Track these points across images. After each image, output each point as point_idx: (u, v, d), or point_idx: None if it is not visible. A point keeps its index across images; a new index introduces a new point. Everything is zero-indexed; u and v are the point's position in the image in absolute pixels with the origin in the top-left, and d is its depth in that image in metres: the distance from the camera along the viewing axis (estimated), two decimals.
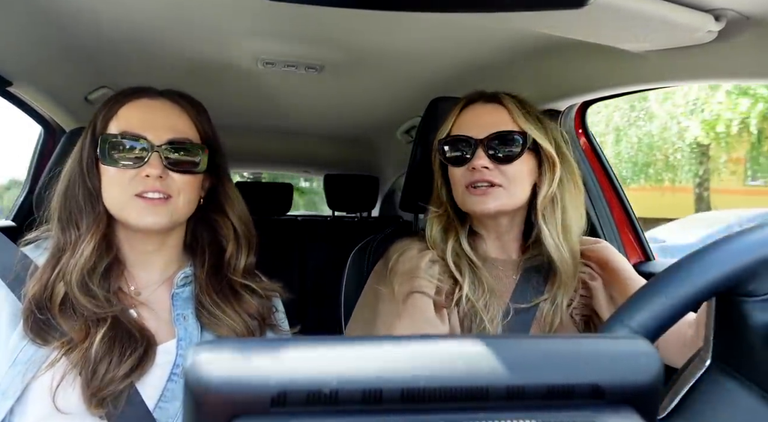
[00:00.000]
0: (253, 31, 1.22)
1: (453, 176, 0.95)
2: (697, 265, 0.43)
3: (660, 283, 0.44)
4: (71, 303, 0.75)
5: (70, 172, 0.82)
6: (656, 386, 0.27)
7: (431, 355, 0.26)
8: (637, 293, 0.45)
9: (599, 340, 0.30)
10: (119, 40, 1.27)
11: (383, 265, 0.96)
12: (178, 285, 0.84)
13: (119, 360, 0.72)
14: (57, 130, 1.59)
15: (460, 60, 1.37)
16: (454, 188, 0.96)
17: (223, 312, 0.83)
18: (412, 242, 0.97)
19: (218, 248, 0.88)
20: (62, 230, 0.80)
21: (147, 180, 0.77)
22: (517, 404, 0.25)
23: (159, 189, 0.78)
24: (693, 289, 0.42)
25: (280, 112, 2.00)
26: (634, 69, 1.08)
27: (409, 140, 2.00)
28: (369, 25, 1.16)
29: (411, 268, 0.91)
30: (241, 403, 0.24)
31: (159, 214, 0.78)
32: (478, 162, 0.90)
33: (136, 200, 0.77)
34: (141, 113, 0.81)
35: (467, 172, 0.91)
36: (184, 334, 0.81)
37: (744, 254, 0.43)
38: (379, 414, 0.24)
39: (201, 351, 0.25)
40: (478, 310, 0.89)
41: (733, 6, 0.79)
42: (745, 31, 0.84)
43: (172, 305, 0.83)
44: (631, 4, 0.78)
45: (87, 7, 1.08)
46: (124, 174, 0.78)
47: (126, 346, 0.73)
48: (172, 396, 0.76)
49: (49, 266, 0.77)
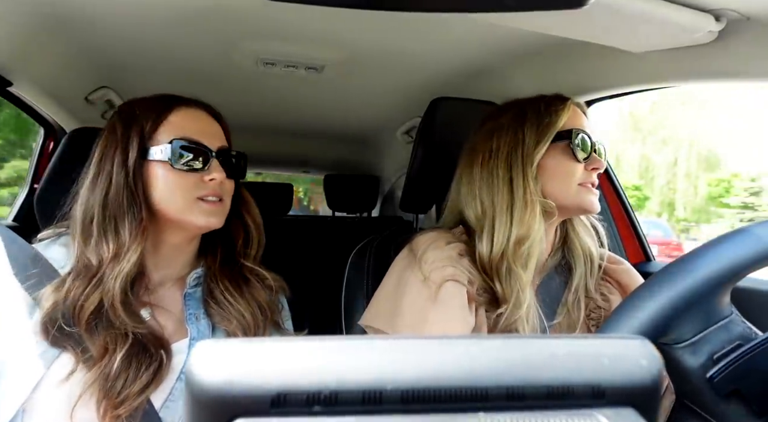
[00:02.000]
0: (253, 31, 1.22)
1: (567, 170, 0.91)
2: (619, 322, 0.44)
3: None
4: (103, 316, 0.73)
5: (110, 176, 0.80)
6: (657, 386, 0.27)
7: (431, 355, 0.26)
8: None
9: (600, 340, 0.30)
10: (119, 41, 1.27)
11: (409, 254, 0.93)
12: (191, 285, 0.86)
13: (135, 376, 0.71)
14: (57, 130, 1.59)
15: (460, 60, 1.37)
16: (561, 182, 0.91)
17: (234, 299, 0.84)
18: (439, 234, 0.95)
19: (230, 242, 0.91)
20: (101, 238, 0.78)
21: (210, 184, 0.82)
22: (518, 404, 0.25)
23: (218, 193, 0.83)
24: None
25: (280, 112, 2.00)
26: (634, 69, 1.08)
27: (409, 140, 2.00)
28: (369, 25, 1.16)
29: (443, 257, 0.89)
30: (241, 404, 0.24)
31: (218, 215, 0.84)
32: (600, 164, 0.92)
33: (198, 203, 0.81)
34: (193, 121, 0.85)
35: (586, 171, 0.91)
36: (196, 334, 0.81)
37: (659, 304, 0.43)
38: (379, 414, 0.24)
39: (202, 351, 0.25)
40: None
41: (733, 6, 0.79)
42: (746, 32, 0.84)
43: (184, 305, 0.84)
44: (631, 4, 0.78)
45: (87, 8, 1.08)
46: (189, 178, 0.81)
47: (143, 362, 0.73)
48: (179, 395, 0.76)
49: (81, 276, 0.75)
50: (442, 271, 0.86)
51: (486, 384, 0.25)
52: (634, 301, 0.44)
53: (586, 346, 0.28)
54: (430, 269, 0.87)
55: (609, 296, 0.96)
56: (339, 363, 0.25)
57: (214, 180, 0.82)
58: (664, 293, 0.43)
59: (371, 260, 1.12)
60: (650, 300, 0.43)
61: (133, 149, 0.80)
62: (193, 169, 0.81)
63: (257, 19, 1.15)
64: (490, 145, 0.93)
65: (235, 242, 0.91)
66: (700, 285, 0.42)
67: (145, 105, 0.85)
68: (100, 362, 0.71)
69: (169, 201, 0.80)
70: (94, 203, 0.79)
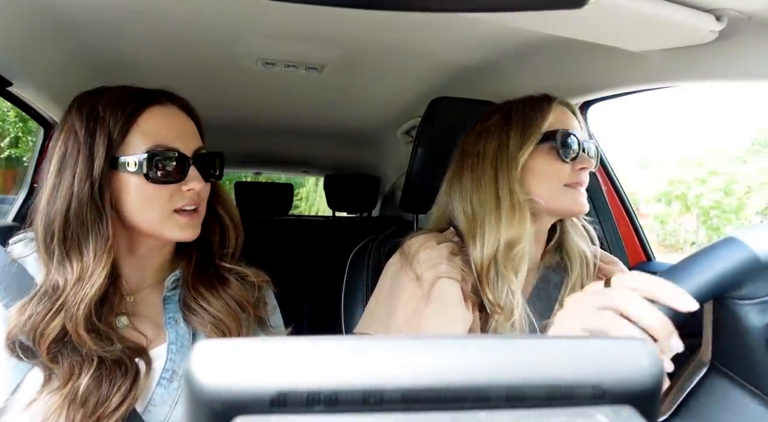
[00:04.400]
0: (253, 31, 1.22)
1: (551, 171, 0.91)
2: (693, 269, 0.44)
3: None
4: (67, 343, 0.68)
5: (72, 187, 0.71)
6: (657, 386, 0.27)
7: (432, 355, 0.26)
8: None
9: (600, 340, 0.30)
10: (119, 40, 1.27)
11: (401, 257, 0.93)
12: (169, 289, 0.83)
13: (107, 396, 0.67)
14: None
15: (460, 60, 1.37)
16: (546, 183, 0.91)
17: (209, 304, 0.80)
18: (429, 236, 0.95)
19: (207, 243, 0.86)
20: (64, 258, 0.71)
21: (187, 194, 0.76)
22: (518, 404, 0.25)
23: (196, 202, 0.77)
24: (690, 293, 0.42)
25: (280, 112, 2.00)
26: (635, 69, 1.08)
27: (409, 140, 2.00)
28: (369, 25, 1.16)
29: (436, 256, 0.89)
30: (241, 403, 0.24)
31: (195, 226, 0.78)
32: (588, 163, 0.92)
33: (174, 217, 0.75)
34: (165, 123, 0.76)
35: (573, 171, 0.91)
36: (175, 337, 0.79)
37: (739, 257, 0.43)
38: (379, 414, 0.24)
39: (202, 351, 0.25)
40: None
41: (734, 5, 0.79)
42: (747, 31, 0.84)
43: (163, 309, 0.81)
44: (631, 4, 0.78)
45: (87, 8, 1.08)
46: (166, 190, 0.74)
47: (115, 380, 0.68)
48: (161, 400, 0.74)
49: (45, 298, 0.69)
50: (435, 269, 0.86)
51: (486, 384, 0.25)
52: (717, 249, 0.43)
53: (586, 346, 0.28)
54: (423, 269, 0.87)
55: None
56: (339, 363, 0.25)
57: (192, 190, 0.76)
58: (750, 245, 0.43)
59: (371, 260, 1.12)
60: (735, 250, 0.43)
61: (99, 157, 0.72)
62: (170, 181, 0.74)
63: (257, 18, 1.15)
64: (478, 148, 0.94)
65: (211, 242, 0.86)
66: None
67: (111, 103, 0.75)
68: (64, 388, 0.66)
69: (143, 215, 0.75)
70: (54, 218, 0.71)
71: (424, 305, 0.84)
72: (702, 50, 0.91)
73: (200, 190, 0.77)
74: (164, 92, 0.80)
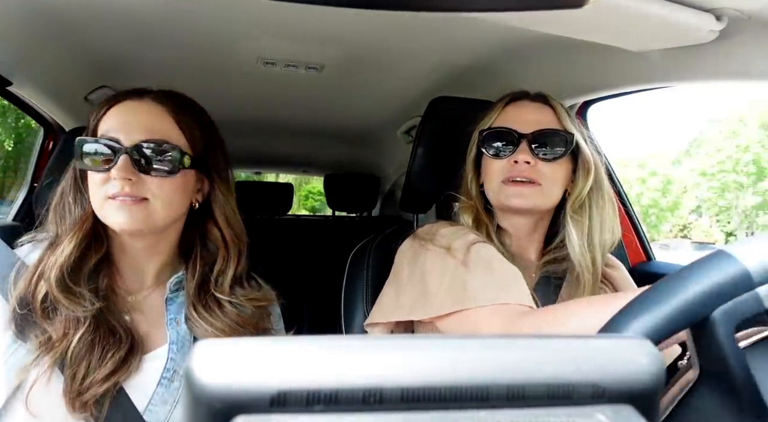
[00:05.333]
0: (253, 31, 1.22)
1: (490, 169, 0.94)
2: (671, 299, 0.44)
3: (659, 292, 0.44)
4: (51, 302, 0.74)
5: (68, 172, 0.83)
6: (657, 386, 0.27)
7: (431, 355, 0.26)
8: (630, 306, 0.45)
9: (600, 340, 0.30)
10: (119, 40, 1.27)
11: (415, 241, 0.93)
12: (172, 290, 0.84)
13: (99, 362, 0.71)
14: (57, 130, 1.59)
15: (460, 60, 1.37)
16: (488, 182, 0.94)
17: (210, 325, 0.81)
18: (440, 222, 0.97)
19: (209, 258, 0.86)
20: (55, 228, 0.81)
21: (115, 182, 0.75)
22: (518, 403, 0.25)
23: (129, 193, 0.75)
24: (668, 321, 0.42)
25: (280, 111, 2.00)
26: (635, 69, 1.08)
27: (409, 140, 2.00)
28: (369, 25, 1.16)
29: (458, 228, 0.91)
30: (241, 402, 0.24)
31: (133, 216, 0.76)
32: (521, 156, 0.90)
33: (108, 202, 0.76)
34: (120, 115, 0.80)
35: (507, 165, 0.91)
36: (176, 338, 0.80)
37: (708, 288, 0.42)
38: (379, 413, 0.24)
39: (202, 350, 0.25)
40: None
41: (734, 5, 0.79)
42: (747, 31, 0.84)
43: (165, 310, 0.82)
44: (631, 4, 0.78)
45: (87, 8, 1.08)
46: (96, 177, 0.77)
47: (107, 347, 0.73)
48: (161, 400, 0.75)
49: (35, 265, 0.77)
50: (465, 237, 0.87)
51: (486, 383, 0.25)
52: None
53: (586, 345, 0.28)
54: (452, 239, 0.87)
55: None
56: (339, 362, 0.25)
57: (116, 178, 0.75)
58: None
59: (371, 260, 1.12)
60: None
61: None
62: (99, 168, 0.77)
63: (257, 18, 1.15)
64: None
65: (213, 255, 0.85)
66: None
67: (101, 103, 0.84)
68: (59, 345, 0.71)
69: (91, 199, 0.79)
70: (56, 197, 0.82)
71: (464, 271, 0.82)
72: (702, 50, 0.91)
73: (126, 178, 0.75)
74: (144, 89, 0.83)
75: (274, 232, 2.32)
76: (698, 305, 0.42)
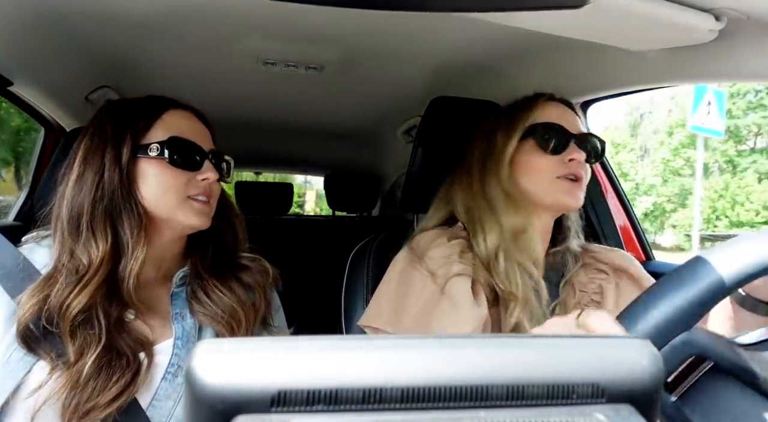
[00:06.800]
0: (253, 31, 1.22)
1: (539, 164, 0.92)
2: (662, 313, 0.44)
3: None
4: (88, 317, 0.72)
5: (100, 174, 0.78)
6: (657, 385, 0.27)
7: (432, 354, 0.26)
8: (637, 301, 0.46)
9: (600, 340, 0.30)
10: (120, 41, 1.27)
11: (410, 253, 0.94)
12: (177, 284, 0.85)
13: (104, 386, 0.70)
14: (58, 130, 1.59)
15: (459, 60, 1.37)
16: (533, 176, 0.93)
17: (219, 297, 0.84)
18: (439, 231, 0.96)
19: (220, 241, 0.91)
20: (92, 237, 0.76)
21: (202, 184, 0.82)
22: (518, 403, 0.25)
23: (208, 193, 0.84)
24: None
25: (280, 111, 2.00)
26: (634, 69, 1.08)
27: (409, 139, 2.00)
28: (369, 25, 1.16)
29: (448, 254, 0.90)
30: (242, 402, 0.24)
31: (207, 215, 0.84)
32: (577, 155, 0.91)
33: (188, 202, 0.81)
34: (186, 122, 0.85)
35: (562, 163, 0.91)
36: (181, 333, 0.80)
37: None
38: (379, 413, 0.24)
39: (202, 350, 0.25)
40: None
41: (733, 5, 0.79)
42: (746, 31, 0.84)
43: (171, 305, 0.83)
44: (631, 4, 0.78)
45: (88, 7, 1.08)
46: (182, 176, 0.81)
47: (114, 371, 0.71)
48: (165, 395, 0.75)
49: (68, 275, 0.73)
50: (448, 267, 0.87)
51: (486, 383, 0.25)
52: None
53: (586, 345, 0.28)
54: (437, 266, 0.88)
55: (604, 285, 0.96)
56: (339, 362, 0.25)
57: (207, 180, 0.83)
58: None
59: (371, 260, 1.12)
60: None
61: (127, 146, 0.79)
62: (187, 167, 0.81)
63: (258, 18, 1.15)
64: (471, 150, 1.00)
65: (225, 240, 0.92)
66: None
67: (137, 105, 0.85)
68: (73, 367, 0.69)
69: (160, 199, 0.80)
70: (83, 201, 0.77)
71: (438, 299, 0.84)
72: (701, 50, 0.91)
73: (213, 181, 0.84)
74: (184, 103, 0.88)
75: (274, 232, 2.32)
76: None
